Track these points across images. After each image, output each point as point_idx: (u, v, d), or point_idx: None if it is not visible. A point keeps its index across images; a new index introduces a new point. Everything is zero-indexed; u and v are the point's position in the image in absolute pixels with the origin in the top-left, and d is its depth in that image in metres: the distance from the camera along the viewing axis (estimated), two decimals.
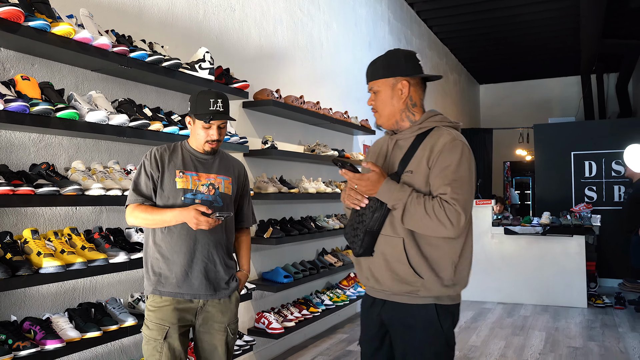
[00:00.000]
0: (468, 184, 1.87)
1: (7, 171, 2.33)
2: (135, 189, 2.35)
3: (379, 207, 1.93)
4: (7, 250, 2.26)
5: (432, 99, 9.78)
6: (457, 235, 1.87)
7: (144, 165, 2.38)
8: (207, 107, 2.33)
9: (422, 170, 1.91)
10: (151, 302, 2.35)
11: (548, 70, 12.62)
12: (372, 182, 1.89)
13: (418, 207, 1.83)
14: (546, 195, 8.39)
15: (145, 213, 2.29)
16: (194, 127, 2.41)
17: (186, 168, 2.38)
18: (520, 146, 12.10)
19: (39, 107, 2.27)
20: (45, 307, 2.61)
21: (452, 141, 1.90)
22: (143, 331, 2.36)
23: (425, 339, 1.93)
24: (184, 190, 2.34)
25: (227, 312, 2.44)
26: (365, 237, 1.96)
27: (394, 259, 1.93)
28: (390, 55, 2.01)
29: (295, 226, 4.52)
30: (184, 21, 3.64)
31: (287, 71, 4.95)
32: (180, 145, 2.46)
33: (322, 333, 5.16)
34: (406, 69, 1.98)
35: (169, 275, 2.33)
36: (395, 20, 7.97)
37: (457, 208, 1.82)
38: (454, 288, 1.95)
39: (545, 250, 6.57)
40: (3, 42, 2.41)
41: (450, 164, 1.86)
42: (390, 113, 2.01)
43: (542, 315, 6.02)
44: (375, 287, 2.03)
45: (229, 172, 2.50)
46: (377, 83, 2.00)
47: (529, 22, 9.35)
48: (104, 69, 2.86)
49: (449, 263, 1.92)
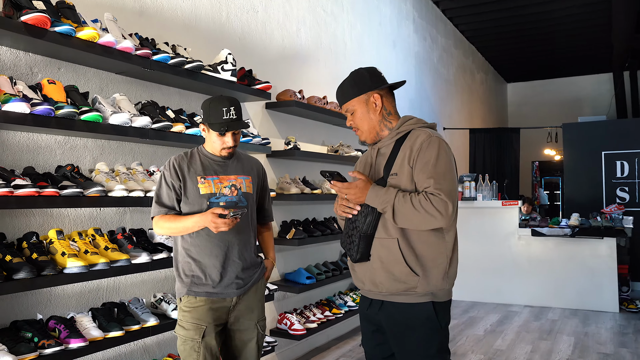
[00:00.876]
0: (449, 174, 1.96)
1: (33, 173, 2.38)
2: (158, 201, 2.39)
3: (370, 211, 2.01)
4: (33, 251, 2.31)
5: (457, 99, 9.67)
6: (448, 224, 1.94)
7: (164, 176, 2.40)
8: (221, 117, 2.34)
9: (405, 171, 2.00)
10: (186, 303, 2.38)
11: (578, 67, 12.34)
12: (359, 189, 1.99)
13: (405, 204, 1.91)
14: (576, 196, 8.19)
15: (169, 222, 2.35)
16: (208, 134, 2.43)
17: (206, 173, 2.41)
18: (548, 146, 11.87)
19: (63, 110, 2.31)
20: (70, 306, 2.66)
21: (428, 138, 1.99)
22: (178, 332, 2.39)
23: (425, 336, 2.00)
24: (208, 195, 2.37)
25: (256, 309, 2.50)
26: (360, 242, 2.04)
27: (390, 260, 2.00)
28: (355, 75, 2.11)
29: (318, 227, 4.51)
30: (207, 23, 3.66)
31: (311, 72, 4.94)
32: (197, 151, 2.48)
33: (345, 334, 5.14)
34: (373, 83, 2.09)
35: (202, 277, 2.37)
36: (420, 19, 7.90)
37: (443, 197, 1.89)
38: (448, 281, 2.03)
39: (574, 252, 6.42)
40: (31, 47, 2.47)
41: (429, 159, 1.96)
42: (370, 127, 2.10)
43: (571, 320, 5.89)
44: (372, 289, 2.08)
45: (248, 172, 2.53)
46: (351, 103, 2.09)
47: (558, 19, 9.16)
48: (127, 71, 2.90)
49: (444, 257, 2.00)
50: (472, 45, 10.58)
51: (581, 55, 11.32)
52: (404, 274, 1.97)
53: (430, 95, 8.29)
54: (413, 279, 1.97)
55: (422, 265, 1.98)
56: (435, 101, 8.51)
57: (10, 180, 2.19)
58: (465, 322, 5.78)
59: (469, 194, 6.95)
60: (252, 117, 4.06)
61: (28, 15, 2.20)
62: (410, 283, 1.97)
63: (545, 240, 6.56)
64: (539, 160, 13.28)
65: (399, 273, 1.98)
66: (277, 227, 4.31)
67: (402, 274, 1.97)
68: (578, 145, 8.27)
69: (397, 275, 1.98)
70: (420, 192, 1.94)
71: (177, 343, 2.38)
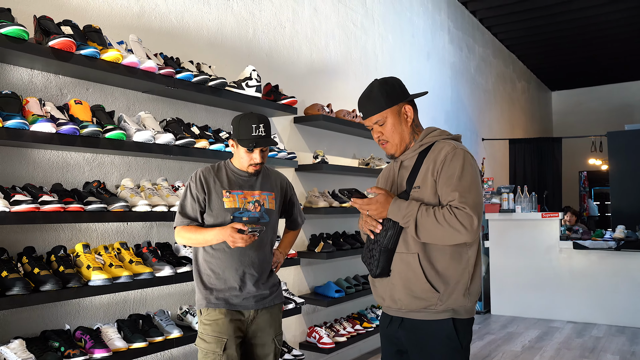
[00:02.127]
0: (475, 187, 1.91)
1: (61, 189, 2.50)
2: (182, 212, 2.43)
3: (391, 225, 1.97)
4: (60, 264, 2.42)
5: (497, 109, 9.50)
6: (473, 238, 1.89)
7: (190, 187, 2.44)
8: (250, 133, 2.39)
9: (429, 184, 1.95)
10: (206, 316, 2.41)
11: (628, 73, 11.89)
12: (380, 203, 1.95)
13: (428, 218, 1.87)
14: (623, 207, 7.86)
15: (190, 233, 2.40)
16: (237, 150, 2.46)
17: (232, 187, 2.45)
18: (593, 155, 11.45)
19: (88, 129, 2.42)
20: (97, 317, 2.76)
21: (452, 150, 1.95)
22: (199, 345, 2.42)
23: (444, 355, 1.94)
24: (232, 210, 2.42)
25: (274, 324, 2.52)
26: (380, 257, 2.00)
27: (410, 276, 1.95)
28: (384, 84, 2.04)
29: (347, 240, 4.51)
30: (233, 41, 3.76)
31: (340, 85, 4.97)
32: (224, 165, 2.52)
33: (377, 349, 5.09)
34: (403, 94, 2.04)
35: (222, 289, 2.41)
36: (456, 29, 7.82)
37: (468, 211, 1.84)
38: (470, 298, 1.96)
39: (620, 266, 6.15)
40: (60, 69, 2.60)
41: (454, 172, 1.91)
42: (401, 139, 2.05)
43: (617, 337, 5.62)
44: (391, 306, 2.04)
45: (272, 188, 2.57)
46: (383, 114, 2.03)
47: (602, 24, 8.88)
48: (152, 90, 3.00)
49: (466, 273, 1.95)
50: (512, 54, 10.39)
51: (629, 60, 10.92)
52: (423, 290, 1.92)
53: (467, 106, 8.17)
54: (433, 296, 1.92)
55: (443, 281, 1.92)
56: (472, 112, 8.38)
57: (38, 196, 2.31)
58: (503, 337, 5.62)
59: (507, 205, 6.79)
60: (279, 131, 4.12)
61: (55, 41, 2.33)
62: (430, 300, 1.92)
63: (589, 254, 6.31)
64: (587, 170, 12.83)
65: (418, 289, 1.93)
66: (306, 241, 4.33)
67: (422, 290, 1.93)
68: (624, 154, 7.96)
69: (417, 291, 1.94)
70: (445, 205, 1.89)
71: (198, 356, 2.42)
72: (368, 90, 2.06)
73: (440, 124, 6.91)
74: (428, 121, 6.54)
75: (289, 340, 4.08)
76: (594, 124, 12.14)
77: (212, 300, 2.41)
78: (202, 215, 2.44)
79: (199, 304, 2.46)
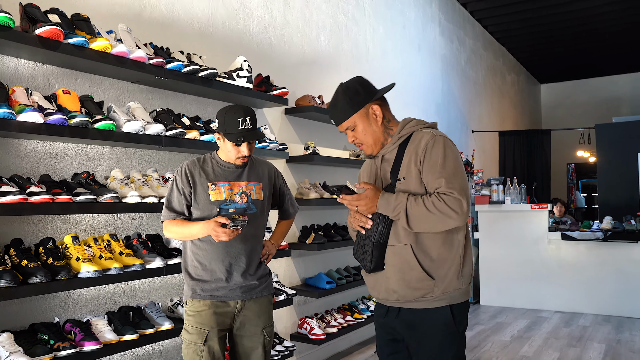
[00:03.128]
0: (459, 171, 1.94)
1: (49, 180, 2.46)
2: (168, 206, 2.42)
3: (382, 220, 1.99)
4: (49, 256, 2.39)
5: (487, 101, 9.53)
6: (464, 222, 1.93)
7: (176, 181, 2.43)
8: (236, 127, 2.35)
9: (413, 174, 1.97)
10: (190, 307, 2.41)
11: (615, 66, 11.97)
12: (370, 198, 1.96)
13: (418, 208, 1.89)
14: (610, 199, 7.95)
15: (177, 227, 2.38)
16: (223, 143, 2.43)
17: (217, 179, 2.43)
18: (581, 147, 11.55)
19: (76, 119, 2.38)
20: (87, 309, 2.74)
21: (432, 138, 1.97)
22: (183, 336, 2.42)
23: (443, 342, 1.98)
24: (219, 202, 2.40)
25: (263, 315, 2.50)
26: (373, 252, 2.01)
27: (404, 267, 1.97)
28: (347, 90, 2.03)
29: (338, 232, 4.50)
30: (224, 31, 3.72)
31: (331, 76, 4.95)
32: (210, 158, 2.49)
33: (369, 339, 5.11)
34: (368, 95, 2.03)
35: (208, 280, 2.40)
36: (447, 21, 7.81)
37: (456, 195, 1.87)
38: (464, 280, 2.00)
39: (607, 256, 6.22)
40: (47, 59, 2.56)
41: (436, 159, 1.93)
42: (375, 139, 2.06)
43: (603, 326, 5.70)
44: (388, 298, 2.05)
45: (259, 178, 2.55)
46: (350, 120, 2.02)
47: (592, 17, 8.91)
48: (142, 80, 2.97)
49: (457, 256, 1.99)
50: (502, 47, 10.40)
51: (617, 53, 10.98)
52: (419, 280, 1.95)
53: (457, 99, 8.18)
54: (429, 284, 1.94)
55: (437, 267, 1.95)
56: (463, 104, 8.40)
57: (26, 187, 2.27)
58: (492, 327, 5.67)
59: (497, 197, 6.83)
60: (270, 122, 4.09)
61: (42, 29, 2.28)
62: (426, 288, 1.95)
63: (577, 245, 6.37)
64: (575, 163, 12.93)
65: (414, 280, 1.95)
66: (297, 232, 4.33)
67: (417, 280, 1.95)
68: (612, 147, 8.03)
69: (412, 282, 1.96)
70: (432, 193, 1.91)
71: (182, 346, 2.42)
72: (334, 98, 2.06)
73: (430, 116, 6.91)
74: (418, 113, 6.55)
75: (280, 331, 4.08)
76: (582, 116, 12.22)
77: (197, 291, 2.40)
78: (189, 209, 2.42)
79: (185, 295, 2.46)
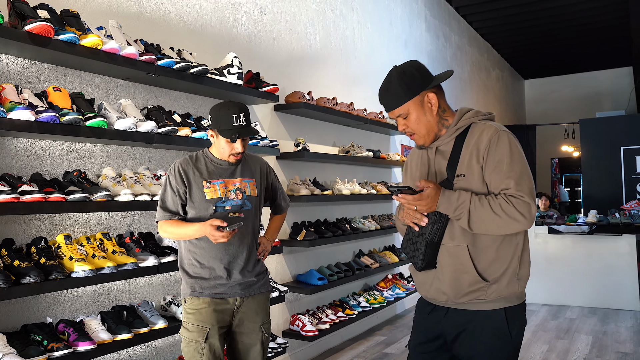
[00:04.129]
0: (527, 172, 1.82)
1: (41, 179, 2.43)
2: (163, 206, 2.40)
3: (438, 218, 1.87)
4: (41, 255, 2.36)
5: (473, 96, 9.59)
6: (530, 226, 1.81)
7: (170, 180, 2.40)
8: (231, 123, 2.34)
9: (475, 172, 1.84)
10: (189, 305, 2.40)
11: (597, 62, 12.15)
12: (430, 198, 1.82)
13: (483, 209, 1.78)
14: (594, 193, 8.07)
15: (172, 227, 2.37)
16: (217, 140, 2.42)
17: (212, 177, 2.41)
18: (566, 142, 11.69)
19: (68, 117, 2.35)
20: (80, 309, 2.70)
21: (496, 133, 1.83)
22: (182, 334, 2.40)
23: (493, 346, 1.86)
24: (214, 200, 2.38)
25: (261, 311, 2.50)
26: (427, 250, 1.90)
27: (458, 269, 1.87)
28: (402, 75, 1.90)
29: (329, 228, 4.51)
30: (213, 27, 3.69)
31: (320, 73, 4.95)
32: (203, 155, 2.47)
33: (359, 335, 5.13)
34: (425, 82, 1.91)
35: (207, 277, 2.39)
36: (433, 18, 7.85)
37: (525, 199, 1.77)
38: (520, 283, 1.89)
39: (592, 250, 6.32)
40: (37, 55, 2.52)
41: (502, 157, 1.80)
42: (428, 129, 1.93)
43: (590, 318, 5.79)
44: (437, 298, 1.95)
45: (252, 174, 2.54)
46: (404, 107, 1.91)
47: (575, 13, 9.02)
48: (133, 77, 2.93)
49: (515, 258, 1.87)
50: (486, 43, 10.48)
51: (599, 49, 11.13)
52: (472, 283, 1.84)
53: None
54: (483, 286, 1.84)
55: (493, 270, 1.84)
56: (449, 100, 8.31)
57: (17, 186, 2.24)
58: None
59: None
60: (260, 119, 4.08)
61: (31, 25, 2.24)
62: (479, 290, 1.84)
63: (563, 238, 6.46)
64: (558, 157, 13.10)
65: (467, 281, 1.85)
66: (288, 229, 4.32)
67: (472, 283, 1.84)
68: (596, 141, 8.15)
69: (466, 285, 1.85)
70: (497, 194, 1.80)
71: (182, 345, 2.41)
72: (386, 81, 1.93)
73: None
74: None
75: (273, 328, 4.07)
76: (565, 112, 12.38)
77: (196, 289, 2.39)
78: (183, 208, 2.40)
79: (183, 293, 2.45)
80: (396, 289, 5.42)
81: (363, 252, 5.32)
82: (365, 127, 5.36)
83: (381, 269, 5.12)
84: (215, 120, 2.39)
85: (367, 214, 5.48)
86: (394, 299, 5.25)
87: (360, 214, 5.37)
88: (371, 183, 5.34)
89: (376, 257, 5.24)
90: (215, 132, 2.40)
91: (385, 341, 4.95)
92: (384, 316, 5.74)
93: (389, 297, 5.24)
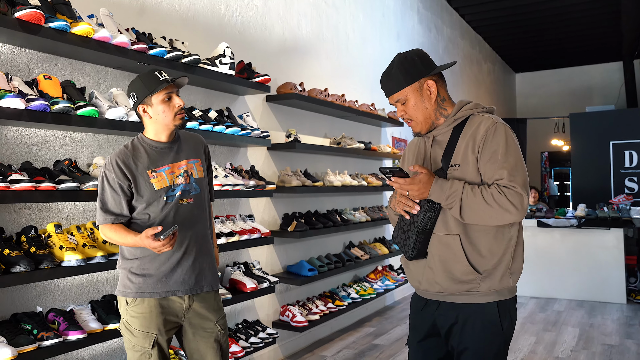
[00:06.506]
0: (521, 164, 1.82)
1: (31, 168, 2.41)
2: (103, 208, 2.18)
3: (430, 206, 1.87)
4: (32, 244, 2.35)
5: (465, 89, 9.61)
6: (522, 218, 1.81)
7: (107, 178, 2.17)
8: (158, 79, 2.16)
9: (470, 162, 1.84)
10: (133, 307, 2.19)
11: (588, 56, 12.21)
12: (423, 184, 1.82)
13: (475, 199, 1.77)
14: (584, 187, 8.14)
15: (113, 234, 2.17)
16: (152, 109, 2.19)
17: (156, 165, 2.22)
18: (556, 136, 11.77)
19: (59, 105, 2.34)
20: (70, 299, 2.70)
21: (493, 125, 1.84)
22: (124, 335, 2.22)
23: (485, 339, 1.87)
24: (164, 190, 2.21)
25: (212, 309, 2.32)
26: (418, 239, 1.89)
27: (450, 259, 1.86)
28: (403, 61, 1.92)
29: (320, 219, 4.52)
30: (205, 17, 3.67)
31: (312, 64, 4.94)
32: (139, 142, 2.26)
33: (349, 326, 5.16)
34: (425, 69, 1.91)
35: (154, 274, 2.20)
36: (425, 10, 7.84)
37: (518, 190, 1.76)
38: (512, 277, 1.89)
39: (581, 243, 6.38)
40: (27, 43, 2.49)
41: (497, 148, 1.81)
42: (425, 116, 1.93)
43: (577, 311, 5.86)
44: (429, 289, 1.94)
45: (197, 153, 2.36)
46: (403, 92, 1.91)
47: (566, 7, 9.05)
48: (124, 66, 2.91)
49: (508, 252, 1.87)
50: (478, 36, 10.50)
51: (590, 44, 11.19)
52: (465, 273, 1.83)
53: None
54: (475, 278, 1.83)
55: (485, 262, 1.83)
56: None
57: (7, 175, 2.22)
58: None
59: None
60: (252, 110, 4.07)
61: (22, 12, 2.22)
62: (471, 282, 1.84)
63: (552, 232, 6.52)
64: (548, 151, 13.19)
65: (459, 273, 1.84)
66: (278, 220, 4.33)
67: (463, 273, 1.83)
68: (585, 136, 8.21)
69: (458, 275, 1.84)
70: (490, 184, 1.80)
71: (125, 345, 2.23)
72: (389, 67, 1.94)
73: None
74: None
75: (263, 319, 4.09)
76: (555, 106, 12.45)
77: (141, 289, 2.19)
78: (129, 204, 2.20)
79: (123, 292, 2.21)
80: (386, 281, 5.45)
81: (353, 244, 5.34)
82: (356, 119, 5.37)
83: (371, 260, 5.14)
84: (141, 88, 2.17)
85: (357, 205, 5.50)
86: (383, 291, 5.28)
87: (351, 206, 5.39)
88: (362, 175, 5.35)
89: (366, 248, 5.27)
90: (149, 100, 2.18)
91: (375, 332, 4.99)
92: (373, 307, 5.78)
93: (379, 288, 5.27)
